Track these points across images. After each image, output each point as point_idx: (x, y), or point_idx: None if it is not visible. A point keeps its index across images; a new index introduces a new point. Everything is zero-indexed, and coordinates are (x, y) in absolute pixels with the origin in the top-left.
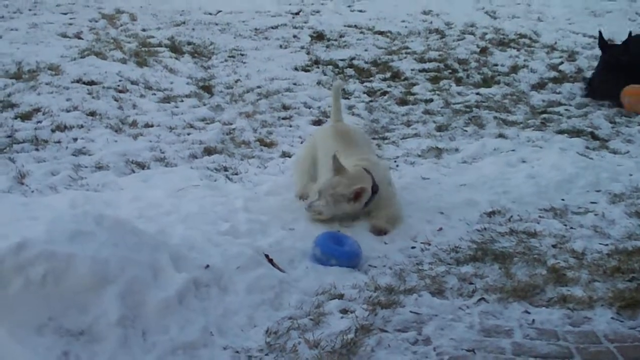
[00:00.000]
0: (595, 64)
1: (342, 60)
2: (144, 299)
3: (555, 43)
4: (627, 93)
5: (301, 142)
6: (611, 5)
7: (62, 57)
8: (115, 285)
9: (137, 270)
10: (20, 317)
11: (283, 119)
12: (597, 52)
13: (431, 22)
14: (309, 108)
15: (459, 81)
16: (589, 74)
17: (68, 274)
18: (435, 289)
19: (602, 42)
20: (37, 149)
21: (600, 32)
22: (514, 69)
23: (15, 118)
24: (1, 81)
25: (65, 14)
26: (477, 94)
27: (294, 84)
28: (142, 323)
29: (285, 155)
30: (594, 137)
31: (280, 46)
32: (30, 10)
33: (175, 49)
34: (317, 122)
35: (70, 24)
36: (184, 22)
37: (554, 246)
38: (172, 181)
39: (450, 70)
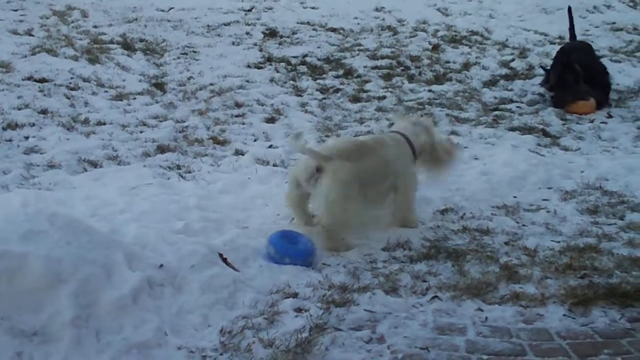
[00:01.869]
0: (546, 61)
1: (294, 57)
2: (97, 298)
3: (507, 40)
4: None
5: (254, 140)
6: (562, 3)
7: (13, 54)
8: (69, 285)
9: (91, 269)
10: None
11: (236, 116)
12: (548, 48)
13: (383, 19)
14: (262, 105)
15: (411, 78)
16: (541, 70)
17: (21, 273)
18: (389, 287)
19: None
20: None
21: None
22: (466, 66)
23: None
24: None
25: (16, 10)
26: (430, 91)
27: (247, 81)
28: (96, 323)
29: (238, 153)
30: (546, 134)
31: (233, 43)
32: None
33: (128, 46)
34: (270, 120)
35: (21, 21)
36: (136, 19)
37: (506, 243)
38: (125, 179)
39: (402, 68)
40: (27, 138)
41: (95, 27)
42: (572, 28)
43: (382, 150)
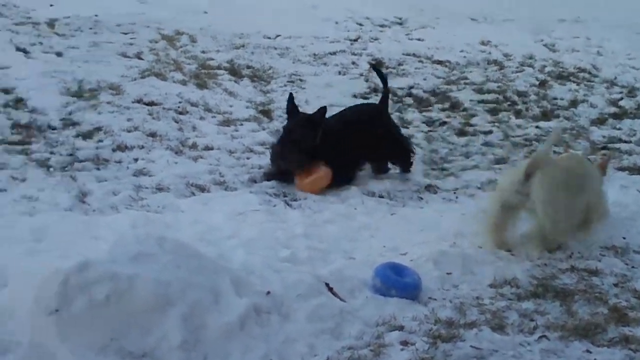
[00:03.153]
0: None
1: (400, 88)
2: (205, 323)
3: (615, 78)
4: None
5: (361, 171)
6: None
7: (122, 77)
8: (178, 308)
9: (199, 293)
10: (83, 337)
11: None
12: None
13: (489, 53)
14: None
15: (518, 114)
16: None
17: (131, 295)
18: (496, 324)
19: None
20: (98, 168)
21: None
22: (574, 103)
23: (77, 136)
24: (63, 99)
25: (126, 33)
26: (537, 127)
27: None
28: (204, 348)
29: None
30: None
31: (339, 72)
32: (90, 28)
33: (235, 72)
34: None
35: (131, 44)
36: (243, 46)
37: (615, 285)
38: (232, 205)
39: (509, 102)
40: (136, 160)
41: (203, 52)
42: None
43: (585, 163)
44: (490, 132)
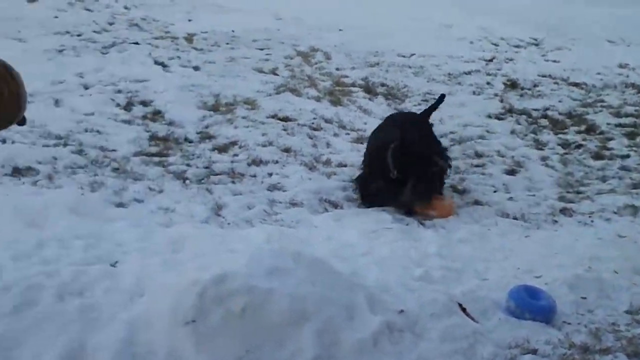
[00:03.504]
0: None
1: (535, 110)
2: (338, 339)
3: None
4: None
5: (494, 191)
6: None
7: (258, 92)
8: (312, 323)
9: (334, 309)
10: (219, 348)
11: (476, 166)
12: None
13: (627, 76)
14: (503, 157)
15: None
16: None
17: (267, 309)
18: (632, 351)
19: None
20: (233, 182)
21: None
22: None
23: (213, 150)
24: (200, 112)
25: (262, 49)
26: None
27: (487, 131)
28: None
29: (478, 203)
30: None
31: (474, 92)
32: (227, 44)
33: (369, 89)
34: (511, 172)
35: (267, 60)
36: (377, 63)
37: None
38: (365, 222)
39: None
40: (270, 175)
41: (337, 69)
42: None
43: None
44: (628, 156)
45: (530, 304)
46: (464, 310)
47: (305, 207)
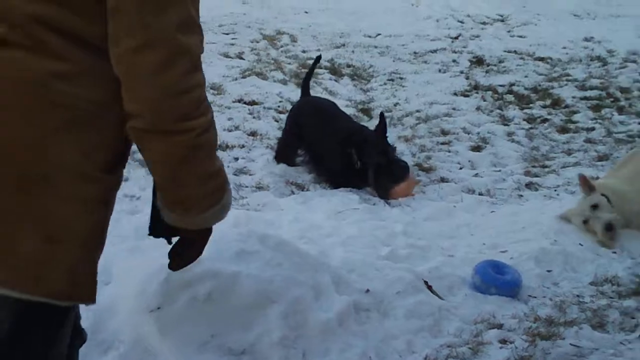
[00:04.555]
0: None
1: (501, 85)
2: (305, 320)
3: None
4: None
5: (460, 168)
6: None
7: (224, 77)
8: (279, 305)
9: (300, 290)
10: (184, 334)
11: (442, 144)
12: None
13: (593, 49)
14: (468, 134)
15: (621, 110)
16: None
17: (233, 292)
18: (597, 322)
19: None
20: None
21: None
22: None
23: None
24: None
25: (228, 34)
26: None
27: (453, 108)
28: (303, 344)
29: (444, 180)
30: None
31: (440, 70)
32: None
33: (335, 71)
34: (476, 148)
35: (232, 44)
36: (343, 45)
37: None
38: (331, 203)
39: (612, 99)
40: (236, 159)
41: (303, 52)
42: None
43: None
44: (593, 129)
45: (496, 279)
46: (429, 287)
47: (271, 191)
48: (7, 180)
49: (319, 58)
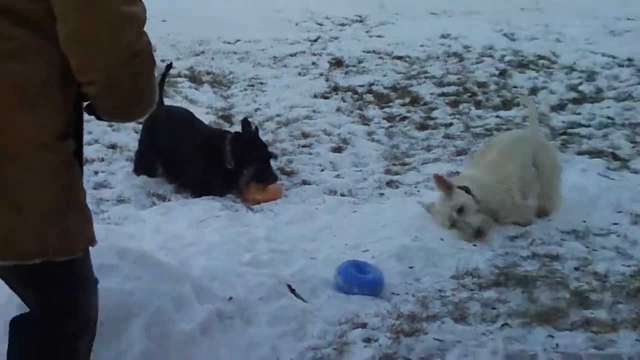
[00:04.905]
0: (615, 84)
1: (361, 86)
2: (168, 331)
3: (574, 63)
4: None
5: (322, 170)
6: (630, 24)
7: None
8: (140, 318)
9: (161, 302)
10: None
11: (303, 146)
12: (616, 71)
13: (450, 46)
14: (329, 135)
15: (478, 104)
16: (609, 93)
17: None
18: (458, 315)
19: None
20: None
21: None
22: (534, 90)
23: None
24: None
25: None
26: (497, 116)
27: (314, 111)
28: (167, 355)
29: (306, 183)
30: (615, 157)
31: (299, 73)
32: None
33: (195, 79)
34: (337, 149)
35: None
36: (203, 52)
37: (576, 269)
38: (193, 212)
39: (469, 94)
40: (96, 173)
41: (162, 61)
42: None
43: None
44: (451, 124)
45: (358, 279)
46: (292, 291)
47: (132, 203)
48: None
49: (169, 66)
